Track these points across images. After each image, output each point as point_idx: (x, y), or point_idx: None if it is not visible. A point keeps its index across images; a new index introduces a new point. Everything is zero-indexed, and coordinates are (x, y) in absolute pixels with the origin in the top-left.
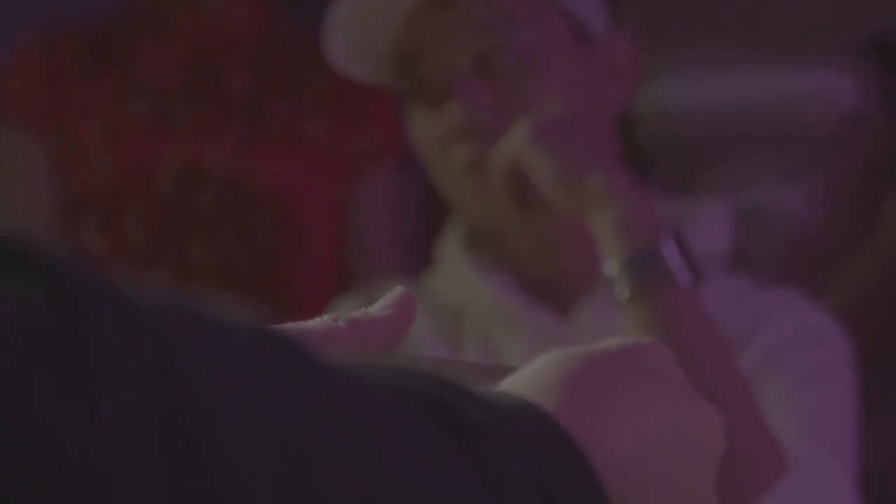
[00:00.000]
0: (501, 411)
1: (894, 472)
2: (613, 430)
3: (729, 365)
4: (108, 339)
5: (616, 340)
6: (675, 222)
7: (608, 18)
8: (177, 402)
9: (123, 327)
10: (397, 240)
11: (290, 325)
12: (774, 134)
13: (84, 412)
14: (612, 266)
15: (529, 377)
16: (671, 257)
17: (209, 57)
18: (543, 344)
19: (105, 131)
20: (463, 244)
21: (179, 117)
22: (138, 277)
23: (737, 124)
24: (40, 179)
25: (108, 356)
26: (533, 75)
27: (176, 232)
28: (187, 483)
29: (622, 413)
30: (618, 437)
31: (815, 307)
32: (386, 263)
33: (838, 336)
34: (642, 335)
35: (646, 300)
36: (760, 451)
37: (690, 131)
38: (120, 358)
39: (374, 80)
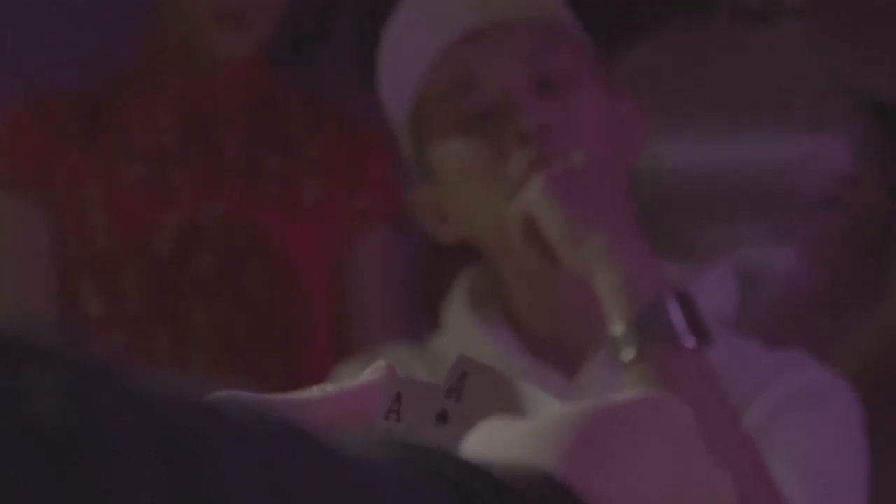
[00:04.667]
0: (515, 490)
1: None
2: (624, 490)
3: (735, 425)
4: (119, 456)
5: (629, 394)
6: (681, 282)
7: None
8: None
9: (136, 440)
10: (398, 301)
11: (281, 398)
12: (767, 196)
13: None
14: (616, 327)
15: (541, 433)
16: (676, 318)
17: (203, 121)
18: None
19: (101, 194)
20: (468, 303)
21: (175, 178)
22: (149, 365)
23: (730, 186)
24: (36, 241)
25: (120, 471)
26: (576, 94)
27: (174, 293)
28: None
29: (633, 473)
30: (629, 498)
31: (822, 367)
32: (387, 326)
33: (847, 394)
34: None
35: (649, 360)
36: None
37: (683, 193)
38: (132, 478)
39: (402, 120)
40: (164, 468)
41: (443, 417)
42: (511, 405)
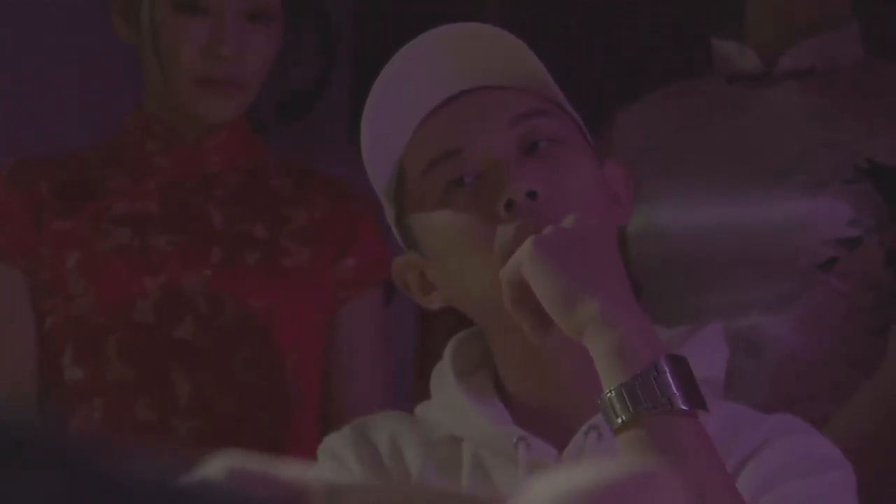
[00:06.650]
0: None
1: None
2: None
3: (731, 491)
4: None
5: (620, 468)
6: (671, 346)
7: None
8: None
9: None
10: (387, 368)
11: (271, 471)
12: (765, 260)
13: None
14: (609, 391)
15: None
16: (671, 383)
17: (186, 187)
18: (540, 473)
19: (83, 261)
20: (456, 371)
21: (158, 244)
22: (131, 435)
23: (727, 249)
24: (18, 307)
25: None
26: (564, 157)
27: (156, 360)
28: None
29: None
30: None
31: (815, 433)
32: (376, 393)
33: (841, 461)
34: (637, 460)
35: (643, 426)
36: None
37: (680, 256)
38: None
39: (385, 187)
40: None
41: None
42: None
